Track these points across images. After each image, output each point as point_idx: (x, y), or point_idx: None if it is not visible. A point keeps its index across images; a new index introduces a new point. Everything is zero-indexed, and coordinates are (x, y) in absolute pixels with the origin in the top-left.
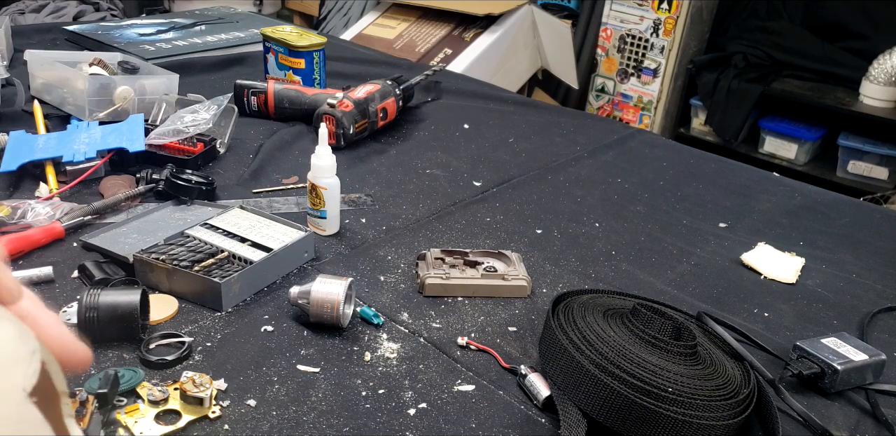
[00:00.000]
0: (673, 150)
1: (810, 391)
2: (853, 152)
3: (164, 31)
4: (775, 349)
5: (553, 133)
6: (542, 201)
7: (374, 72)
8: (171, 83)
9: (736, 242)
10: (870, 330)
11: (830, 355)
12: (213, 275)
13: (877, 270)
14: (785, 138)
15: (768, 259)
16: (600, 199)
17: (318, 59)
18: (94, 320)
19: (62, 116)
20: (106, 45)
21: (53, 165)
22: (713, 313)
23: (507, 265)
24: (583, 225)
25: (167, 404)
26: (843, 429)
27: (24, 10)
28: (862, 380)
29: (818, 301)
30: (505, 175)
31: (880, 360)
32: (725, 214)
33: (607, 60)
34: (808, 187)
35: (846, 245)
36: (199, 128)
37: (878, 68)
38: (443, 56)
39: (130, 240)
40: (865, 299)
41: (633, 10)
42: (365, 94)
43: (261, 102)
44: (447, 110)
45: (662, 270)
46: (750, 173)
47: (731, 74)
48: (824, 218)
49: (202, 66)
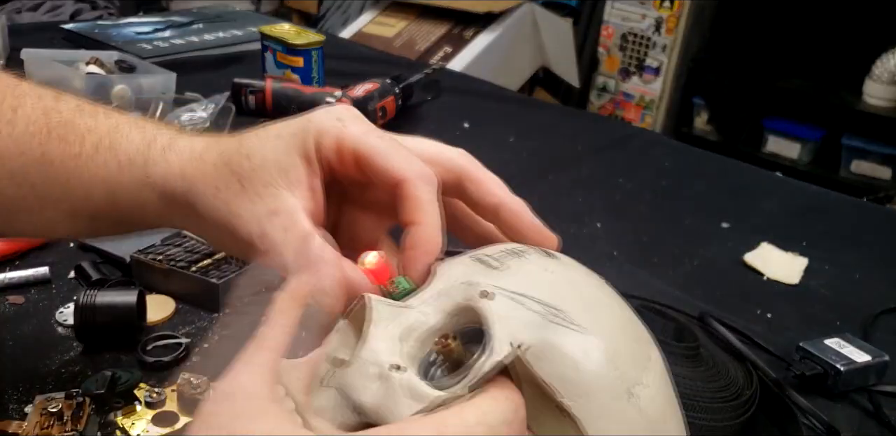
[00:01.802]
0: (675, 149)
1: (813, 393)
2: (856, 152)
3: (162, 30)
4: (778, 350)
5: (554, 132)
6: (542, 201)
7: (373, 70)
8: (168, 82)
9: (738, 242)
10: (873, 331)
11: (833, 356)
12: (211, 276)
13: (880, 271)
14: (788, 138)
15: (771, 259)
16: (602, 198)
17: (317, 57)
18: (90, 322)
19: None
20: (103, 44)
21: None
22: (715, 314)
23: None
24: (584, 225)
25: (164, 405)
26: (846, 430)
27: (20, 8)
28: (865, 381)
29: (821, 302)
30: (505, 175)
31: (883, 361)
32: (728, 214)
33: (609, 59)
34: (811, 187)
35: (849, 245)
36: (196, 127)
37: (881, 67)
38: (442, 54)
39: (128, 240)
40: (869, 300)
41: (634, 8)
42: (364, 93)
43: (259, 101)
44: (447, 109)
45: (664, 271)
46: (752, 173)
47: (734, 73)
48: (827, 218)
49: (200, 65)
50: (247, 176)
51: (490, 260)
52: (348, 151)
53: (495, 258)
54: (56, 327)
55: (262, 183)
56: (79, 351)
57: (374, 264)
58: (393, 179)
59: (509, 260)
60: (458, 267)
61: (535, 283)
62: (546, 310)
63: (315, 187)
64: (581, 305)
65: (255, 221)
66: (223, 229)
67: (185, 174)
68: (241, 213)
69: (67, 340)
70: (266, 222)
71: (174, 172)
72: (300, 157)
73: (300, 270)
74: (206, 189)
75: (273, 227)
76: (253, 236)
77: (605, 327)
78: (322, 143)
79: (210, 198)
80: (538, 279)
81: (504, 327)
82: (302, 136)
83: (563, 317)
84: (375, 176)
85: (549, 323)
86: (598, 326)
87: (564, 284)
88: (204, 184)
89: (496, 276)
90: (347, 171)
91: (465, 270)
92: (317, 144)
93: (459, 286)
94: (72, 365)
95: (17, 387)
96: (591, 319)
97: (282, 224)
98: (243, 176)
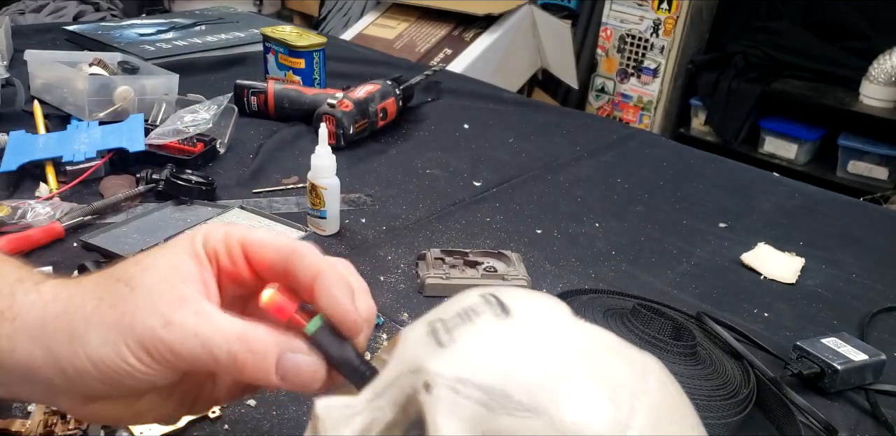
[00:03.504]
0: (673, 150)
1: (810, 391)
2: (853, 152)
3: (164, 31)
4: (775, 349)
5: (553, 133)
6: (542, 201)
7: (374, 72)
8: (170, 83)
9: (736, 242)
10: (870, 330)
11: (830, 355)
12: None
13: (877, 271)
14: (785, 138)
15: (768, 259)
16: (600, 199)
17: (318, 59)
18: None
19: (62, 116)
20: (106, 45)
21: (53, 165)
22: (713, 313)
23: (507, 265)
24: (583, 225)
25: None
26: (843, 429)
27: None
28: (862, 380)
29: (818, 301)
30: (505, 175)
31: (880, 360)
32: (725, 214)
33: (607, 60)
34: (808, 187)
35: (846, 245)
36: (198, 128)
37: (877, 68)
38: (443, 56)
39: (130, 240)
40: (865, 299)
41: (633, 10)
42: (365, 95)
43: (261, 102)
44: (447, 110)
45: (662, 271)
46: (750, 173)
47: (731, 74)
48: (824, 218)
49: (202, 66)
50: (136, 278)
51: (440, 331)
52: (235, 240)
53: (447, 327)
54: None
55: (156, 281)
56: None
57: (267, 301)
58: (286, 250)
59: (459, 328)
60: (410, 343)
61: (481, 362)
62: (490, 399)
63: (207, 281)
64: (534, 377)
65: (157, 315)
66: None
67: (58, 297)
68: (136, 311)
69: None
70: (170, 313)
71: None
72: (190, 256)
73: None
74: (87, 302)
75: (183, 314)
76: (157, 330)
77: (563, 396)
78: (209, 238)
79: (91, 308)
80: (484, 356)
81: (446, 423)
82: (189, 239)
83: (507, 402)
84: (266, 255)
85: (493, 414)
86: (550, 399)
87: (515, 356)
88: (82, 299)
89: (441, 356)
90: (233, 262)
91: (415, 347)
92: (204, 240)
93: (409, 375)
94: None
95: None
96: (544, 395)
97: (191, 310)
98: (133, 278)
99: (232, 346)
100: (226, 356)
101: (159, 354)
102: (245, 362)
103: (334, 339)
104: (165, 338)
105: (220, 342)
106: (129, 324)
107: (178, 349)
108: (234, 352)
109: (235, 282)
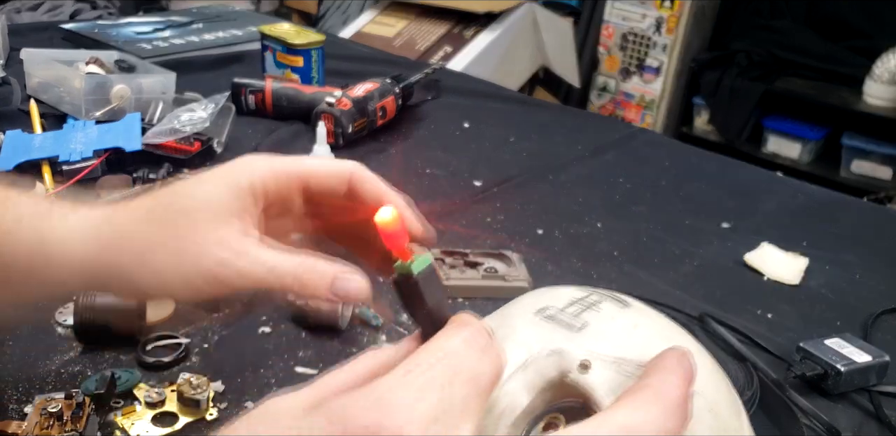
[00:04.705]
0: (675, 149)
1: (813, 393)
2: (857, 152)
3: (161, 30)
4: (778, 351)
5: (554, 132)
6: (543, 201)
7: (373, 70)
8: (167, 82)
9: (739, 242)
10: (873, 331)
11: (834, 357)
12: None
13: (881, 271)
14: (788, 138)
15: (771, 259)
16: (602, 198)
17: (317, 57)
18: (90, 322)
19: (58, 115)
20: (102, 44)
21: (50, 165)
22: (716, 314)
23: (508, 266)
24: (584, 225)
25: (164, 405)
26: (847, 431)
27: (20, 8)
28: (865, 381)
29: (821, 302)
30: (505, 175)
31: (884, 361)
32: (728, 214)
33: (609, 59)
34: (812, 187)
35: (850, 245)
36: (196, 127)
37: (881, 67)
38: (442, 54)
39: None
40: (869, 300)
41: (635, 7)
42: (364, 93)
43: (258, 101)
44: (447, 109)
45: (665, 271)
46: (753, 173)
47: (734, 73)
48: (828, 218)
49: (199, 65)
50: (194, 214)
51: (564, 317)
52: (286, 172)
53: (570, 314)
54: (56, 327)
55: (211, 214)
56: (78, 351)
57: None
58: (344, 173)
59: (584, 315)
60: (528, 328)
61: (625, 342)
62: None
63: (254, 214)
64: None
65: (210, 249)
66: (161, 268)
67: (111, 219)
68: (188, 246)
69: (67, 340)
70: (238, 244)
71: (94, 221)
72: (238, 190)
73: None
74: (142, 228)
75: (247, 244)
76: (211, 264)
77: (702, 379)
78: (255, 171)
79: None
80: (626, 337)
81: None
82: (235, 172)
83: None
84: (325, 182)
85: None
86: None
87: (652, 338)
88: (136, 226)
89: (581, 338)
90: (282, 195)
91: (540, 332)
92: (251, 173)
93: (547, 358)
94: (71, 365)
95: (16, 387)
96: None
97: (253, 240)
98: (190, 213)
99: (297, 269)
100: (291, 280)
101: (229, 281)
102: (307, 282)
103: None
104: (237, 265)
105: (287, 268)
106: (197, 254)
107: (247, 274)
108: (299, 275)
109: (280, 214)
